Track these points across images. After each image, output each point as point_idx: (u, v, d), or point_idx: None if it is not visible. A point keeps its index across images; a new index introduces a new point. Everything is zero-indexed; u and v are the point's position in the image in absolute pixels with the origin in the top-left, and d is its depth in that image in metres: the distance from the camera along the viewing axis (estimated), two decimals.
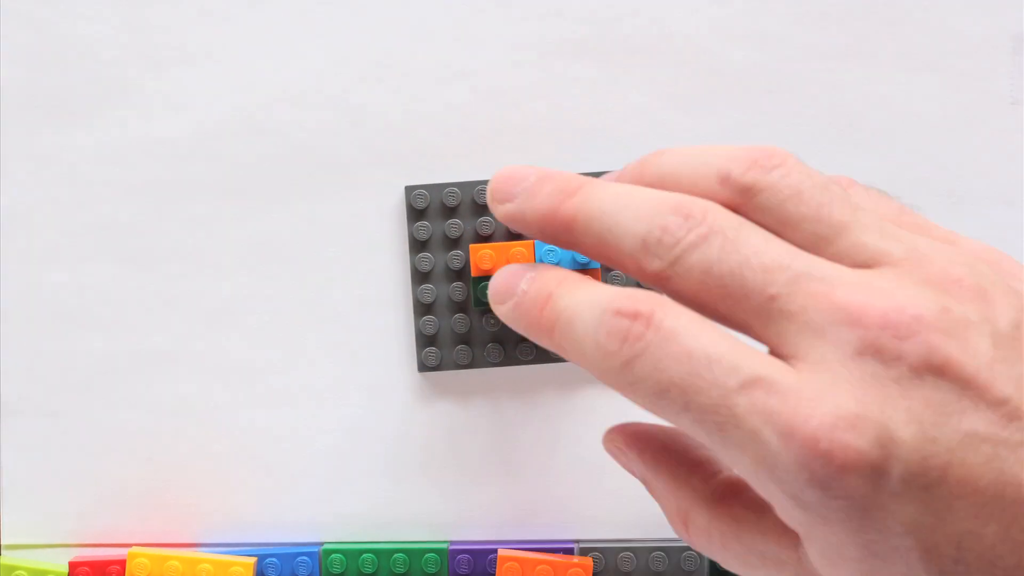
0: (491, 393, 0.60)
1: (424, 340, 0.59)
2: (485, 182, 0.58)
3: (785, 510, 0.38)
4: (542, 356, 0.58)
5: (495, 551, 0.59)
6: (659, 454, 0.46)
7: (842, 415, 0.36)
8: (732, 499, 0.43)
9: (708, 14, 0.58)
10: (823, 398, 0.36)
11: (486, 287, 0.55)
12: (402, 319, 0.59)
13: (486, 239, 0.58)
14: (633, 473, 0.48)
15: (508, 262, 0.55)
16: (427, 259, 0.58)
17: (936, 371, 0.37)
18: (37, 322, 0.60)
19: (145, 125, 0.59)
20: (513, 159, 0.59)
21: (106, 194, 0.60)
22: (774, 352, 0.38)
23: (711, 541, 0.44)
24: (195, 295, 0.60)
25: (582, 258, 0.55)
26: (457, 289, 0.58)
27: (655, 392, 0.39)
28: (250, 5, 0.59)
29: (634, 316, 0.39)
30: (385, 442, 0.60)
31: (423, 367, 0.59)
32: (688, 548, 0.59)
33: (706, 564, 0.59)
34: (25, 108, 0.59)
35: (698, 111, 0.59)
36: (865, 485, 0.36)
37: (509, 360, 0.58)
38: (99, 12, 0.59)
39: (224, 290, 0.60)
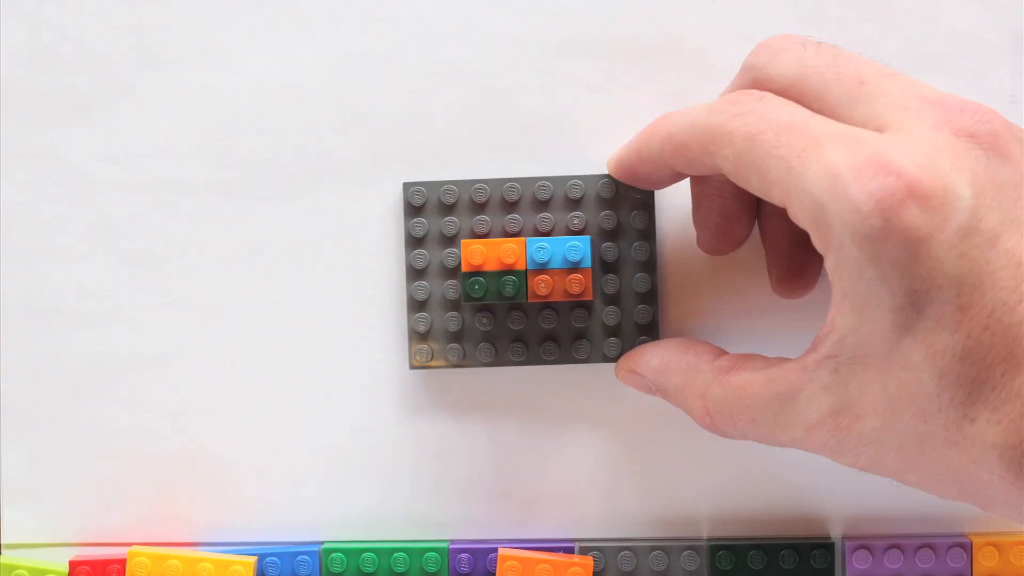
0: (483, 392, 0.60)
1: (416, 337, 0.59)
2: (483, 181, 0.58)
3: (840, 250, 0.42)
4: (533, 358, 0.58)
5: (495, 550, 0.59)
6: (668, 359, 0.53)
7: (918, 159, 0.41)
8: (739, 366, 0.48)
9: (708, 14, 0.58)
10: (901, 146, 0.41)
11: (475, 283, 0.55)
12: (396, 316, 0.59)
13: (482, 238, 0.58)
14: (649, 390, 0.55)
15: (500, 258, 0.55)
16: (422, 256, 0.58)
17: (1003, 157, 0.42)
18: (37, 322, 0.60)
19: (145, 124, 0.59)
20: (512, 159, 0.59)
21: (106, 193, 0.60)
22: None
23: (734, 418, 0.48)
24: (194, 294, 0.60)
25: (573, 256, 0.55)
26: (451, 287, 0.58)
27: (749, 135, 0.44)
28: (250, 5, 0.59)
29: (747, 94, 0.46)
30: (380, 439, 0.60)
31: (414, 364, 0.59)
32: (688, 547, 0.59)
33: (705, 564, 0.59)
34: (25, 108, 0.59)
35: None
36: (925, 221, 0.40)
37: (500, 360, 0.58)
38: (99, 12, 0.59)
39: (223, 289, 0.60)
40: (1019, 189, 0.42)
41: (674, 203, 0.59)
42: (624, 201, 0.58)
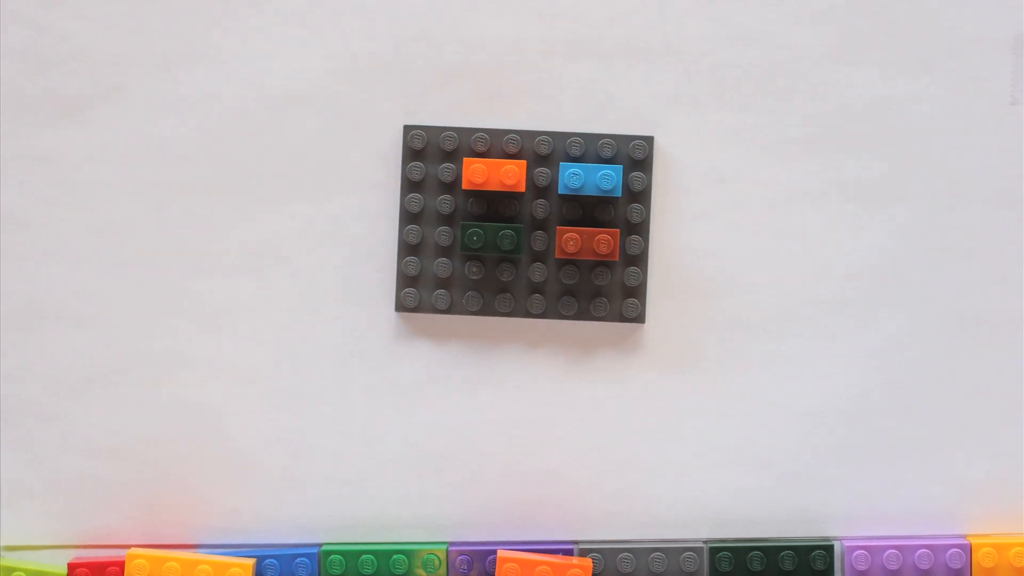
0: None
1: (405, 280, 0.59)
2: (484, 130, 0.58)
3: None
4: (519, 310, 0.59)
5: (495, 552, 0.59)
6: None
7: None
8: None
9: (708, 14, 0.58)
10: None
11: (473, 234, 0.56)
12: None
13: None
14: None
15: (500, 179, 0.56)
16: (417, 200, 0.59)
17: None
18: (37, 322, 0.60)
19: (144, 125, 0.59)
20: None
21: (105, 194, 0.60)
22: None
23: None
24: (194, 295, 0.60)
25: (606, 184, 0.56)
26: (444, 234, 0.59)
27: None
28: (250, 5, 0.59)
29: None
30: (379, 437, 0.60)
31: (401, 307, 0.59)
32: (688, 549, 0.59)
33: (705, 566, 0.59)
34: (25, 108, 0.59)
35: (698, 111, 0.59)
36: None
37: (487, 310, 0.59)
38: (99, 12, 0.59)
39: (224, 289, 0.60)
40: None
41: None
42: (623, 162, 0.58)
